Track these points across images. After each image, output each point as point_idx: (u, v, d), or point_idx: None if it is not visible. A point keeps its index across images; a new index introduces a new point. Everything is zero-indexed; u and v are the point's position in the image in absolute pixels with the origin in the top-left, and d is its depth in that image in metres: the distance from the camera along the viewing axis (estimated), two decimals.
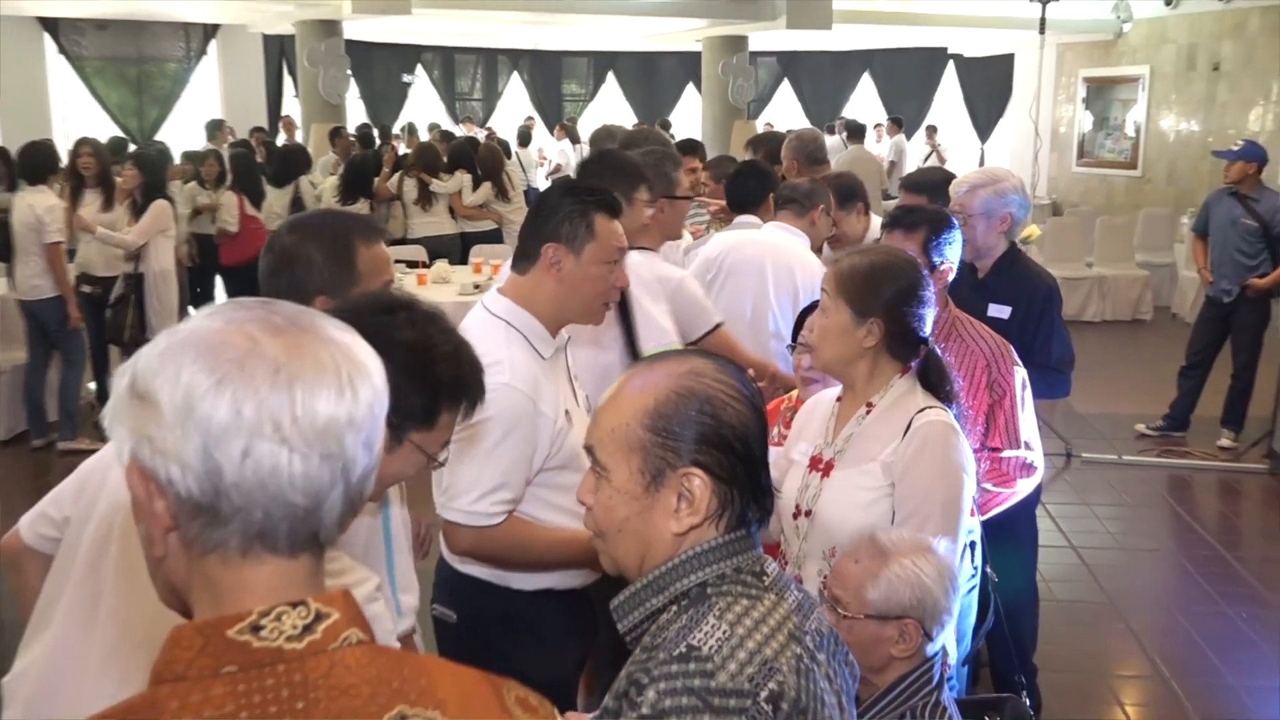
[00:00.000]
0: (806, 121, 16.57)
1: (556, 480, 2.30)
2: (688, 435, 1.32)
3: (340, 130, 11.29)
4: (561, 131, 15.99)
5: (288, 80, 15.85)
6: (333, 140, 10.51)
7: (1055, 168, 14.71)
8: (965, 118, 17.53)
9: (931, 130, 16.32)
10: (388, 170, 9.34)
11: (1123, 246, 11.00)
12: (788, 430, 2.56)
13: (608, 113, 17.95)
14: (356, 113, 15.35)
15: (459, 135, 12.84)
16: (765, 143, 5.59)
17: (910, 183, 4.22)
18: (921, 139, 16.35)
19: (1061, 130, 14.75)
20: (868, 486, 2.17)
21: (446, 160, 9.37)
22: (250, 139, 11.75)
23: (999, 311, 3.34)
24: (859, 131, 12.69)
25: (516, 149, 14.08)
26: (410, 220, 9.09)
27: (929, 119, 17.08)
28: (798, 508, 2.25)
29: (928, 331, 2.26)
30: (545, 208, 2.35)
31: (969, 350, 2.89)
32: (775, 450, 2.46)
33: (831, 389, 2.43)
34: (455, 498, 2.24)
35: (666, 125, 15.14)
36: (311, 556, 0.95)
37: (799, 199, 4.00)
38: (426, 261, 8.10)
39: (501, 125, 17.41)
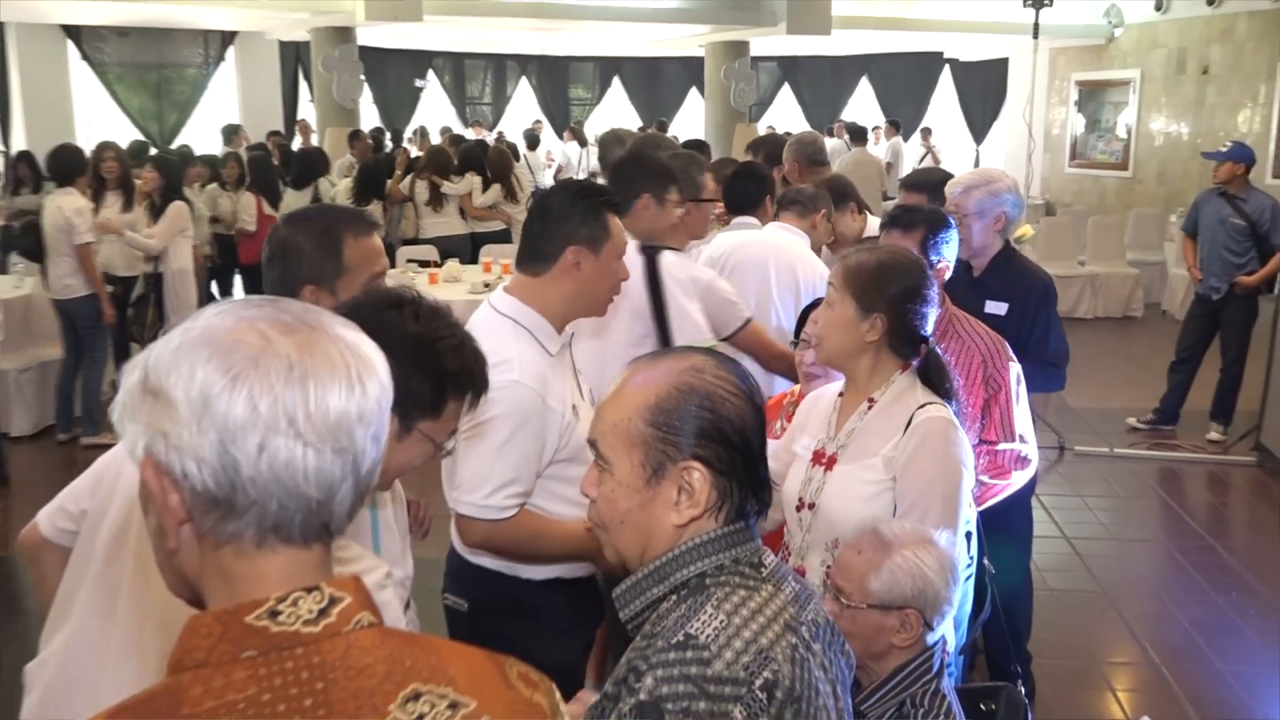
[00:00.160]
0: (807, 124, 16.54)
1: (565, 473, 2.29)
2: (688, 430, 1.31)
3: (359, 133, 11.27)
4: (570, 135, 16.14)
5: (303, 85, 15.84)
6: (352, 143, 10.49)
7: (1048, 169, 14.69)
8: (961, 120, 17.49)
9: (926, 132, 16.29)
10: (400, 173, 9.37)
11: (1114, 245, 10.98)
12: (790, 424, 2.55)
13: (613, 116, 17.96)
14: (370, 117, 15.34)
15: (469, 139, 12.83)
16: (766, 145, 5.56)
17: (910, 182, 4.21)
18: (917, 141, 16.32)
19: (1054, 132, 14.73)
20: (870, 480, 2.16)
21: (457, 163, 9.39)
22: (267, 142, 11.75)
23: (996, 308, 3.34)
24: (861, 134, 12.75)
25: (525, 152, 14.07)
26: (422, 221, 9.11)
27: (925, 122, 17.04)
28: (801, 500, 2.24)
29: (929, 330, 2.25)
30: (557, 211, 2.33)
31: (966, 346, 2.88)
32: (777, 443, 2.46)
33: (833, 384, 2.42)
34: (469, 492, 2.24)
35: (663, 126, 15.14)
36: (323, 546, 0.95)
37: (803, 201, 4.00)
38: (438, 261, 8.13)
39: (510, 129, 17.43)
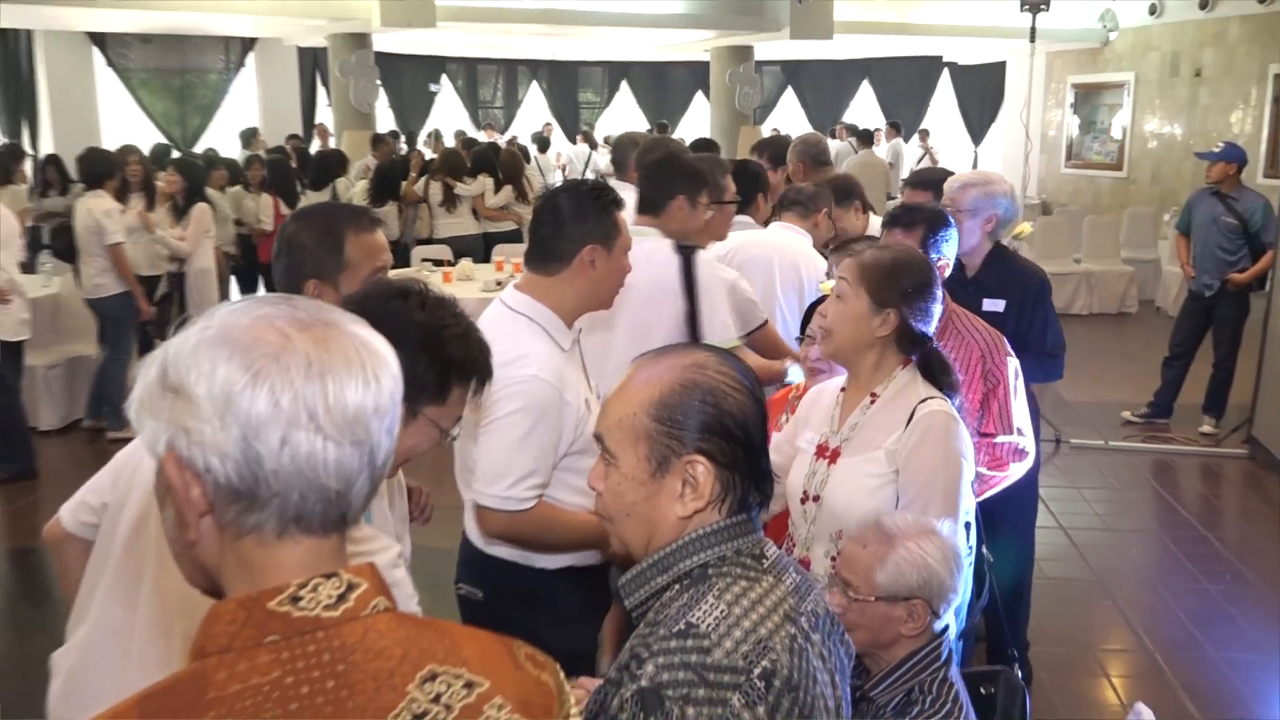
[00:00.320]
0: (809, 126, 16.50)
1: (578, 464, 2.29)
2: (692, 424, 1.31)
3: (383, 137, 11.27)
4: (582, 138, 16.38)
5: (321, 90, 15.87)
6: (376, 146, 10.49)
7: (1045, 169, 14.64)
8: (960, 122, 17.43)
9: (924, 134, 16.29)
10: (415, 174, 9.36)
11: (1109, 243, 10.93)
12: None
13: (621, 119, 17.96)
14: (385, 120, 15.34)
15: (482, 141, 12.82)
16: (770, 147, 5.55)
17: (916, 180, 4.23)
18: (915, 142, 16.29)
19: (1051, 134, 14.67)
20: (873, 473, 2.16)
21: (470, 165, 9.38)
22: (286, 145, 11.76)
23: (994, 305, 3.34)
24: (867, 137, 12.77)
25: (535, 154, 14.07)
26: (436, 221, 9.11)
27: (925, 124, 17.01)
28: (805, 493, 2.23)
29: (932, 328, 2.25)
30: (571, 212, 2.31)
31: (965, 342, 2.87)
32: (781, 436, 2.45)
33: (835, 379, 2.41)
34: (490, 484, 2.24)
35: (664, 127, 15.13)
36: (340, 535, 0.95)
37: (803, 202, 3.99)
38: (452, 260, 8.13)
39: (521, 132, 17.43)
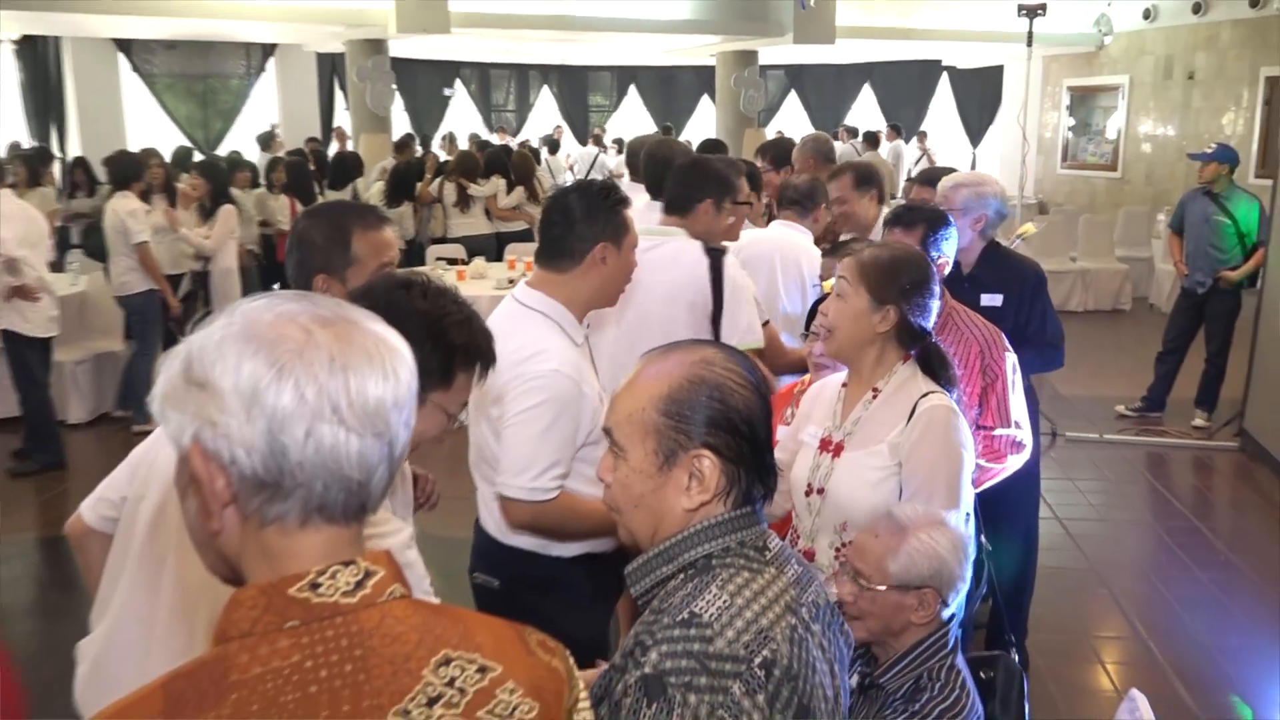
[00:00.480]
0: (812, 129, 16.40)
1: (593, 455, 2.28)
2: (698, 419, 1.30)
3: (408, 140, 11.25)
4: (593, 141, 16.54)
5: (339, 94, 15.86)
6: (399, 149, 10.48)
7: (1041, 170, 14.59)
8: (958, 124, 17.38)
9: (922, 135, 16.25)
10: (430, 176, 9.37)
11: (1104, 242, 10.91)
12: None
13: (630, 122, 17.95)
14: (401, 124, 15.34)
15: (494, 144, 12.83)
16: (774, 149, 5.55)
17: (922, 178, 4.26)
18: (914, 143, 16.24)
19: (1047, 135, 14.63)
20: (876, 466, 2.15)
21: (483, 166, 9.39)
22: (304, 148, 11.78)
23: (992, 300, 3.35)
24: (874, 140, 12.72)
25: (546, 156, 14.05)
26: (450, 221, 9.12)
27: (924, 126, 16.96)
28: (810, 486, 2.23)
29: (931, 324, 2.24)
30: (582, 212, 2.31)
31: (964, 337, 2.86)
32: (785, 431, 2.45)
33: (836, 375, 2.41)
34: (516, 476, 2.23)
35: (668, 130, 15.11)
36: (358, 523, 0.96)
37: (800, 200, 3.97)
38: (465, 259, 8.14)
39: (533, 135, 17.42)
